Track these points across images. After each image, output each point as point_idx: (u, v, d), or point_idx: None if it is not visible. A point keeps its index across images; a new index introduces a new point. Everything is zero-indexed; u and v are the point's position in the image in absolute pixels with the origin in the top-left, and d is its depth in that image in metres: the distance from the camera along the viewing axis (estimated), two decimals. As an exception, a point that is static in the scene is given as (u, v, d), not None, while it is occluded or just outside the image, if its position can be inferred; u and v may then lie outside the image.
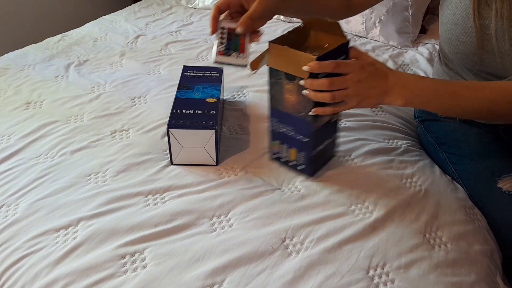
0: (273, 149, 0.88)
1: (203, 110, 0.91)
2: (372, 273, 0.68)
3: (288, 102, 0.79)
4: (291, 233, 0.74)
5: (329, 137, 0.86)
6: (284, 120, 0.82)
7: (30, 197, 0.82)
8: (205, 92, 0.97)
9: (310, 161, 0.83)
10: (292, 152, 0.84)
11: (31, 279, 0.67)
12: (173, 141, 0.87)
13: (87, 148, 0.95)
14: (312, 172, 0.85)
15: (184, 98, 0.95)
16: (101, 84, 1.20)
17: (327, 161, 0.89)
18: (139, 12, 1.74)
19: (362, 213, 0.78)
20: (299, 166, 0.85)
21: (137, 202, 0.80)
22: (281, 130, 0.84)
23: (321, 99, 0.74)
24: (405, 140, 0.99)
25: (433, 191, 0.84)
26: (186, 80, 1.02)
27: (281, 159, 0.87)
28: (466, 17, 0.84)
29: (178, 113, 0.90)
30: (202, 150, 0.88)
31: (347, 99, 0.75)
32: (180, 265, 0.68)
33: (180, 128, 0.86)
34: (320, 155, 0.85)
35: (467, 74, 0.91)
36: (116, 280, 0.66)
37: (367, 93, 0.76)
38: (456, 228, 0.78)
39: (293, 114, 0.79)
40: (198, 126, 0.86)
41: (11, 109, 1.09)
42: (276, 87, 0.79)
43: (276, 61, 0.77)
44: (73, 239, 0.73)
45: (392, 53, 1.40)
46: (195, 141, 0.87)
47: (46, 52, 1.39)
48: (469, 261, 0.72)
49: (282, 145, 0.85)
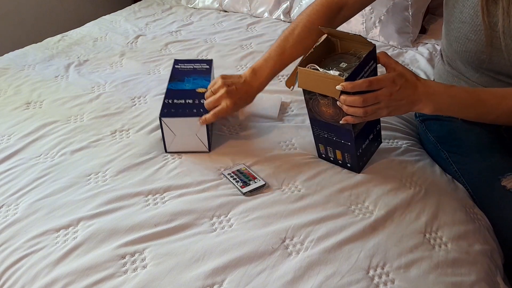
0: (320, 151, 0.90)
1: (194, 99, 0.94)
2: (372, 273, 0.68)
3: (326, 114, 0.81)
4: (291, 233, 0.74)
5: (371, 132, 0.87)
6: (324, 128, 0.85)
7: (30, 197, 0.82)
8: (196, 83, 1.01)
9: (356, 159, 0.85)
10: (338, 153, 0.87)
11: (31, 279, 0.67)
12: (166, 130, 0.90)
13: (87, 148, 0.95)
14: (359, 169, 0.87)
15: (176, 89, 0.99)
16: (101, 84, 1.20)
17: (373, 153, 0.91)
18: (139, 12, 1.74)
19: (362, 213, 0.78)
20: (347, 164, 0.87)
21: (137, 202, 0.80)
22: (324, 136, 0.86)
23: (353, 113, 0.76)
24: (405, 140, 0.99)
25: (433, 191, 0.84)
26: (177, 72, 1.06)
27: (330, 158, 0.89)
28: (474, 15, 0.84)
29: (170, 103, 0.93)
30: (194, 138, 0.91)
31: (378, 111, 0.77)
32: (180, 265, 0.68)
33: (172, 117, 0.89)
34: (366, 151, 0.87)
35: (472, 74, 0.91)
36: (116, 280, 0.66)
37: (398, 104, 0.77)
38: (456, 228, 0.77)
39: (332, 123, 0.82)
40: (190, 114, 0.90)
41: (11, 109, 1.09)
42: (312, 102, 0.82)
43: (307, 84, 0.79)
44: (73, 239, 0.73)
45: (392, 53, 1.39)
46: (188, 129, 0.90)
47: (46, 52, 1.39)
48: (470, 261, 0.72)
49: (328, 147, 0.88)
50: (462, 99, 0.80)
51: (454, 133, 0.95)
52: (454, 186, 0.88)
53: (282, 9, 1.64)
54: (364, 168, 0.88)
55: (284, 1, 1.65)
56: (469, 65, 0.91)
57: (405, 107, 0.78)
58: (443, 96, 0.79)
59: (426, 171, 0.90)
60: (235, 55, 1.34)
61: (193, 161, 0.90)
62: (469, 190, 0.87)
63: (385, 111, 0.77)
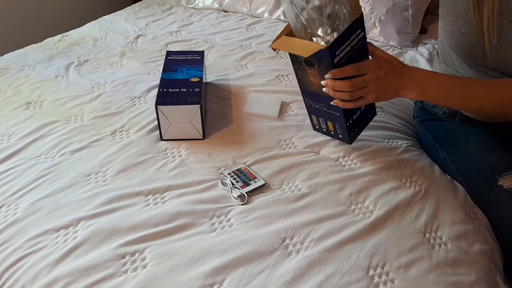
0: (313, 122, 0.92)
1: (188, 88, 0.97)
2: (372, 272, 0.68)
3: (314, 84, 0.82)
4: (291, 232, 0.74)
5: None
6: (315, 98, 0.86)
7: (30, 197, 0.82)
8: (189, 73, 1.04)
9: (347, 130, 0.86)
10: (330, 123, 0.88)
11: (31, 279, 0.67)
12: (161, 118, 0.93)
13: (87, 148, 0.95)
14: (351, 140, 0.88)
15: (170, 79, 1.02)
16: (101, 84, 1.20)
17: (366, 124, 0.92)
18: (139, 12, 1.74)
19: (362, 212, 0.78)
20: (339, 135, 0.89)
21: (137, 202, 0.80)
22: (315, 106, 0.87)
23: (341, 97, 0.79)
24: (405, 140, 0.99)
25: (433, 191, 0.84)
26: (170, 63, 1.10)
27: (323, 129, 0.91)
28: (468, 9, 0.85)
29: (165, 91, 0.96)
30: (189, 125, 0.94)
31: (365, 95, 0.79)
32: (180, 265, 0.68)
33: (167, 105, 0.92)
34: (357, 122, 0.88)
35: (467, 71, 0.91)
36: (116, 280, 0.66)
37: (384, 89, 0.80)
38: (456, 227, 0.78)
39: (321, 93, 0.83)
40: (184, 102, 0.93)
41: (11, 109, 1.09)
42: (300, 72, 0.83)
43: (289, 48, 0.79)
44: (73, 239, 0.73)
45: (392, 53, 1.39)
46: (183, 116, 0.93)
47: (46, 52, 1.39)
48: (469, 261, 0.72)
49: (320, 119, 0.89)
50: (447, 86, 0.82)
51: (452, 133, 0.96)
52: (454, 186, 0.88)
53: (282, 9, 1.64)
54: (356, 140, 0.89)
55: (284, 1, 1.65)
56: (463, 61, 0.91)
57: (392, 92, 0.81)
58: (429, 82, 0.81)
59: (426, 171, 0.90)
60: (235, 55, 1.34)
61: (193, 160, 0.90)
62: (467, 190, 0.87)
63: (372, 95, 0.80)
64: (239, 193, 0.81)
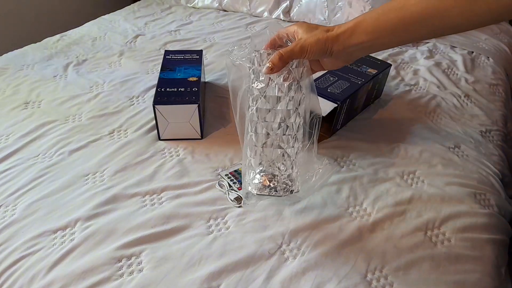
0: None
1: (186, 87, 0.97)
2: (370, 276, 0.67)
3: None
4: (288, 237, 0.73)
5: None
6: None
7: (28, 198, 0.82)
8: (187, 72, 1.04)
9: None
10: None
11: (28, 281, 0.67)
12: (159, 117, 0.92)
13: (85, 147, 0.94)
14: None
15: (168, 78, 1.01)
16: (99, 84, 1.19)
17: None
18: (138, 11, 1.74)
19: (359, 215, 0.77)
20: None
21: (134, 202, 0.80)
22: None
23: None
24: (405, 140, 0.99)
25: (435, 185, 0.83)
26: (168, 62, 1.09)
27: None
28: None
29: (163, 91, 0.96)
30: (187, 125, 0.93)
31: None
32: (176, 269, 0.68)
33: (165, 104, 0.92)
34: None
35: None
36: (112, 284, 0.66)
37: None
38: (462, 220, 0.75)
39: None
40: (182, 102, 0.92)
41: (10, 109, 1.09)
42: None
43: None
44: (70, 241, 0.73)
45: (392, 52, 1.39)
46: (181, 116, 0.92)
47: (45, 52, 1.39)
48: (475, 256, 0.70)
49: None
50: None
51: None
52: (462, 173, 0.86)
53: (281, 9, 1.64)
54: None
55: (284, 1, 1.64)
56: None
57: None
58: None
59: (426, 168, 0.89)
60: (234, 55, 1.34)
61: (190, 160, 0.90)
62: None
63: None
64: (235, 195, 0.80)
